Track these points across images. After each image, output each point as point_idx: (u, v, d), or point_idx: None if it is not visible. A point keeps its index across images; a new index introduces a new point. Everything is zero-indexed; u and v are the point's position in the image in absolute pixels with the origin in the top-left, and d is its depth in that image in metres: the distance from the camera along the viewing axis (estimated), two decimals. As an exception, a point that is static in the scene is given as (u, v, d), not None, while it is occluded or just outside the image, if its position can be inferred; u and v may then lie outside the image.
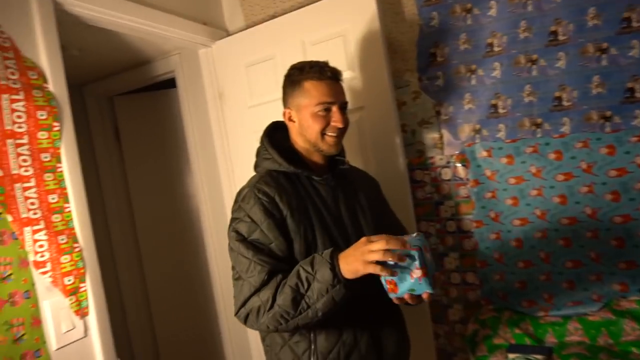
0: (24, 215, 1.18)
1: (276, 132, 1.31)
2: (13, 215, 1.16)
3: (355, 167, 1.44)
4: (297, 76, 1.23)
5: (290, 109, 1.26)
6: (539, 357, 1.40)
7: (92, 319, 1.34)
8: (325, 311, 1.03)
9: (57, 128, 1.31)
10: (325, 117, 1.20)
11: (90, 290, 1.34)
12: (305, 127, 1.22)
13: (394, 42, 1.84)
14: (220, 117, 2.10)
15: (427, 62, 1.80)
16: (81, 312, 1.31)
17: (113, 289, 2.62)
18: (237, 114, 2.04)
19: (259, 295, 1.07)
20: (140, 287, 2.78)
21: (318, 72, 1.20)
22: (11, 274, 1.14)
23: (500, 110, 1.70)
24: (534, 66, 1.62)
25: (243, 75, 1.99)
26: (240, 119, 2.03)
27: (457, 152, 1.79)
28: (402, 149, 1.71)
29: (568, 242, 1.62)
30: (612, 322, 1.47)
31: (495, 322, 1.64)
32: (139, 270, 2.79)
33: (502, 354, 1.50)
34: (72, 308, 1.28)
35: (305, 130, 1.23)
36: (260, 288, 1.07)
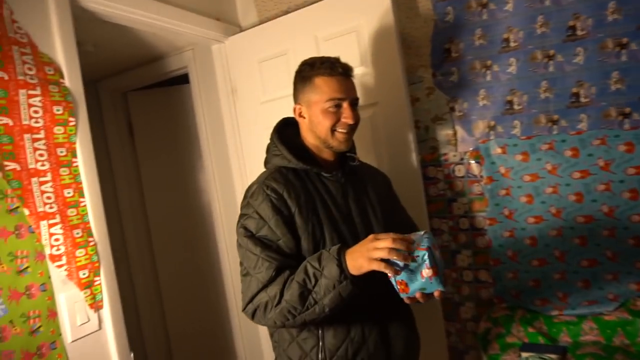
0: (40, 209, 1.20)
1: (287, 128, 1.31)
2: (30, 209, 1.18)
3: (365, 164, 1.43)
4: (307, 72, 1.22)
5: (301, 104, 1.25)
6: (553, 356, 1.39)
7: (106, 312, 1.36)
8: (332, 307, 1.03)
9: (72, 123, 1.32)
10: (336, 113, 1.19)
11: (105, 284, 1.36)
12: (315, 123, 1.22)
13: (408, 37, 1.82)
14: (233, 113, 2.11)
15: (441, 57, 1.79)
16: (96, 305, 1.33)
17: (126, 283, 2.65)
18: (249, 110, 2.05)
19: (267, 291, 1.07)
20: (153, 282, 2.81)
21: (329, 67, 1.19)
22: (28, 267, 1.16)
23: (515, 107, 1.67)
24: (550, 62, 1.60)
25: (256, 70, 1.99)
26: (253, 115, 2.03)
27: (471, 149, 1.78)
28: (415, 146, 1.70)
29: (584, 241, 1.60)
30: (628, 322, 1.45)
31: (508, 321, 1.63)
32: (152, 265, 2.82)
33: (515, 352, 1.49)
34: (86, 301, 1.30)
35: (315, 127, 1.22)
36: (268, 284, 1.07)
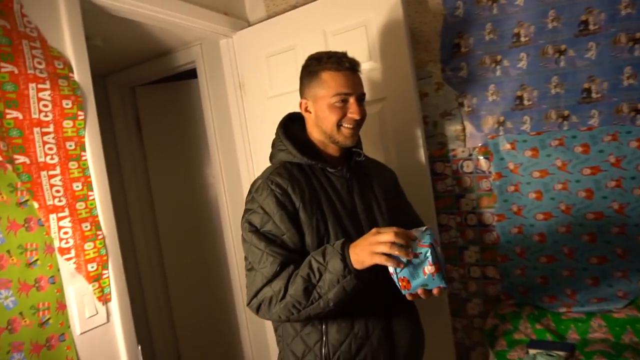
0: (49, 203, 1.21)
1: (293, 123, 1.31)
2: (39, 202, 1.19)
3: (372, 159, 1.42)
4: (314, 66, 1.21)
5: (307, 99, 1.24)
6: (561, 353, 1.38)
7: (114, 305, 1.37)
8: (337, 301, 1.03)
9: (81, 117, 1.33)
10: (342, 109, 1.18)
11: (113, 277, 1.37)
12: (321, 118, 1.21)
13: (417, 32, 1.81)
14: (241, 108, 2.10)
15: (450, 52, 1.77)
16: (104, 298, 1.34)
17: (133, 277, 2.66)
18: (257, 105, 2.04)
19: (271, 286, 1.07)
20: (160, 276, 2.82)
21: (336, 62, 1.18)
22: (37, 260, 1.17)
23: (525, 102, 1.66)
24: (562, 57, 1.58)
25: (264, 65, 1.99)
26: (261, 110, 2.02)
27: (480, 145, 1.76)
28: (424, 141, 1.69)
29: (593, 238, 1.58)
30: (637, 319, 1.44)
31: (516, 317, 1.62)
32: (159, 259, 2.83)
33: (522, 349, 1.48)
34: (95, 294, 1.31)
35: (321, 122, 1.21)
36: (273, 279, 1.07)
